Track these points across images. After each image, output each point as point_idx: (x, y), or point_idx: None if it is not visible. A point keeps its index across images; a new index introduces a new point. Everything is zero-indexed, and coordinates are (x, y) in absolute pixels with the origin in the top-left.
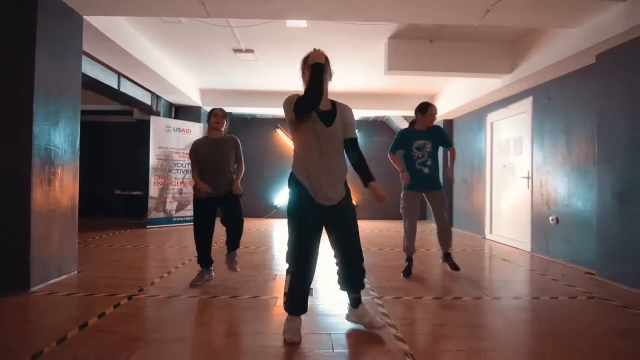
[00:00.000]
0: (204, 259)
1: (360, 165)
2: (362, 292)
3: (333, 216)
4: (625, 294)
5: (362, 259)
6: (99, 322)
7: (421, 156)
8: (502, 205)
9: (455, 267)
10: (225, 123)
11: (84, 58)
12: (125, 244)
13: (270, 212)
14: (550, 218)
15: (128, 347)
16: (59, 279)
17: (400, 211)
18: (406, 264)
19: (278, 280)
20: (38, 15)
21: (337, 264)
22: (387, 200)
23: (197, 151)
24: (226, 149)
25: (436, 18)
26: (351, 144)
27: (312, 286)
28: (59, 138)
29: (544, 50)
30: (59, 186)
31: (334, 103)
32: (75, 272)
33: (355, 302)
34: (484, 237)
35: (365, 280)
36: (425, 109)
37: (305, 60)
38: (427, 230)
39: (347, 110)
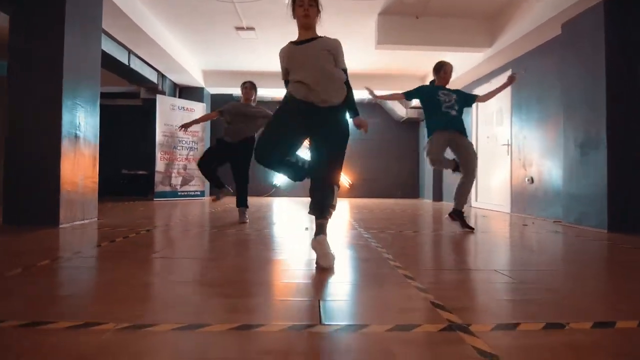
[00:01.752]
0: (214, 181)
1: (346, 99)
2: (352, 228)
3: (317, 123)
4: (585, 232)
5: (330, 181)
6: (125, 239)
7: (447, 100)
8: (487, 174)
9: (468, 226)
10: (253, 94)
11: (105, 38)
12: (136, 208)
13: (269, 191)
14: (526, 178)
15: (151, 248)
16: (82, 221)
17: (426, 157)
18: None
19: (275, 228)
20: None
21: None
22: (365, 132)
23: (229, 107)
24: (254, 112)
25: None
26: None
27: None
28: (82, 104)
29: (517, 24)
30: (83, 138)
31: (320, 37)
32: (96, 218)
33: (317, 230)
34: (470, 206)
35: (355, 224)
36: (440, 67)
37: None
38: (427, 205)
39: (332, 40)
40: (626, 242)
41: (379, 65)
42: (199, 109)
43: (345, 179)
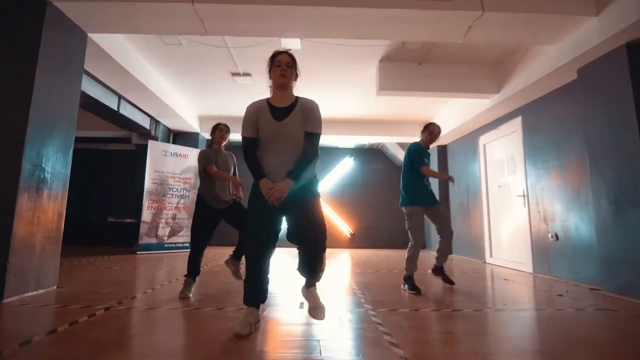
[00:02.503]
0: (195, 268)
1: (298, 159)
2: (357, 306)
3: (289, 207)
4: (633, 306)
5: (316, 250)
6: (69, 328)
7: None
8: (501, 226)
9: (450, 281)
10: (227, 138)
11: (85, 77)
12: (112, 266)
13: None
14: (550, 235)
15: (95, 350)
16: (36, 292)
17: (407, 228)
18: (409, 281)
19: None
20: (44, 28)
21: (298, 249)
22: (273, 196)
23: (216, 159)
24: (228, 163)
25: (422, 35)
26: (307, 137)
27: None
28: (52, 146)
29: (527, 69)
30: (47, 194)
31: (298, 99)
32: (55, 287)
33: (307, 284)
34: (485, 262)
35: (361, 296)
36: (426, 127)
37: (272, 58)
38: (426, 257)
39: (310, 104)
40: None
41: (382, 112)
42: (193, 155)
43: (346, 228)
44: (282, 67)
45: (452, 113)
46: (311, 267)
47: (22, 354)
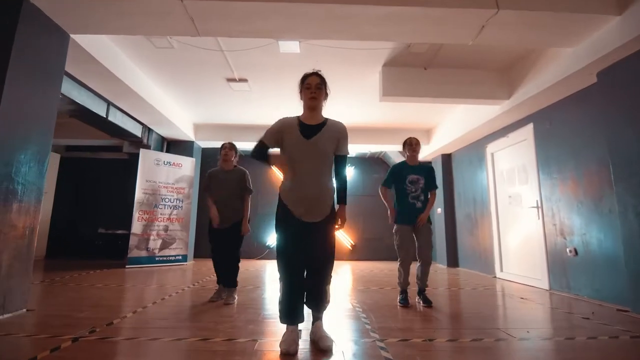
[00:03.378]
0: (219, 276)
1: (339, 185)
2: (362, 334)
3: (312, 232)
4: None
5: (325, 281)
6: None
7: (414, 190)
8: (512, 239)
9: (428, 302)
10: (234, 155)
11: (71, 83)
12: (95, 283)
13: (262, 252)
14: (568, 250)
15: None
16: (1, 317)
17: (395, 246)
18: (401, 295)
19: (262, 321)
20: (18, 28)
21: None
22: (340, 227)
23: (210, 180)
24: (235, 181)
25: (430, 36)
26: (338, 159)
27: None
28: (24, 154)
29: (542, 73)
30: (17, 207)
31: (327, 120)
32: (24, 310)
33: (314, 319)
34: (495, 276)
35: (366, 320)
36: (404, 144)
37: (303, 80)
38: (440, 271)
39: (341, 126)
40: None
41: (384, 119)
42: (188, 164)
43: (346, 240)
44: (312, 89)
45: (458, 120)
46: (316, 296)
47: None
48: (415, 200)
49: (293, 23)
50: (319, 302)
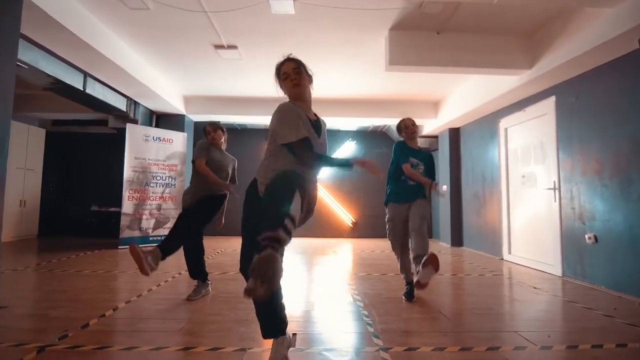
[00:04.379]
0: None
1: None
2: (364, 340)
3: None
4: None
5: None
6: None
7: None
8: (522, 221)
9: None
10: (222, 136)
11: (39, 53)
12: (83, 269)
13: None
14: (587, 236)
15: None
16: None
17: (387, 233)
18: (407, 287)
19: (252, 321)
20: None
21: None
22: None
23: (210, 151)
24: (226, 166)
25: None
26: None
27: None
28: None
29: (572, 39)
30: None
31: (317, 116)
32: None
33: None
34: (502, 259)
35: (368, 320)
36: (399, 127)
37: (278, 72)
38: (444, 251)
39: (324, 123)
40: None
41: (388, 91)
42: (179, 139)
43: (347, 217)
44: (291, 76)
45: (470, 92)
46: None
47: None
48: (409, 179)
49: None
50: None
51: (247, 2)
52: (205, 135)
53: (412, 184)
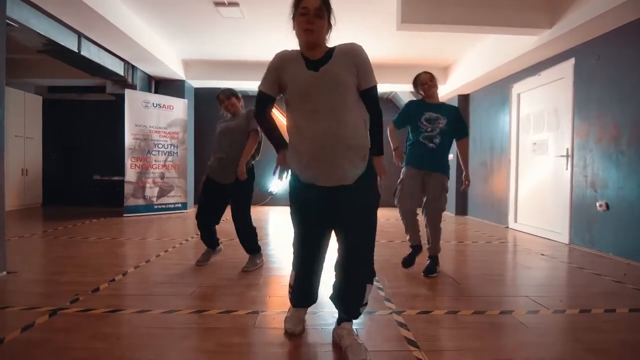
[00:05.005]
0: (207, 241)
1: (371, 130)
2: (376, 303)
3: (342, 202)
4: None
5: (366, 275)
6: None
7: (430, 130)
8: (530, 189)
9: (429, 272)
10: (236, 102)
11: (29, 9)
12: (89, 236)
13: (265, 199)
14: (598, 204)
15: None
16: None
17: (394, 195)
18: (409, 253)
19: (263, 285)
20: None
21: (335, 267)
22: (382, 179)
23: (216, 129)
24: (236, 130)
25: None
26: (364, 97)
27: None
28: None
29: None
30: None
31: (334, 48)
32: (4, 272)
33: (339, 320)
34: (507, 227)
35: (379, 285)
36: (415, 83)
37: (297, 3)
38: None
39: (355, 50)
40: None
41: (393, 54)
42: (180, 106)
43: None
44: (309, 16)
45: (482, 56)
46: (350, 295)
47: None
48: (427, 140)
49: None
50: (349, 305)
51: None
52: (219, 104)
53: (431, 146)
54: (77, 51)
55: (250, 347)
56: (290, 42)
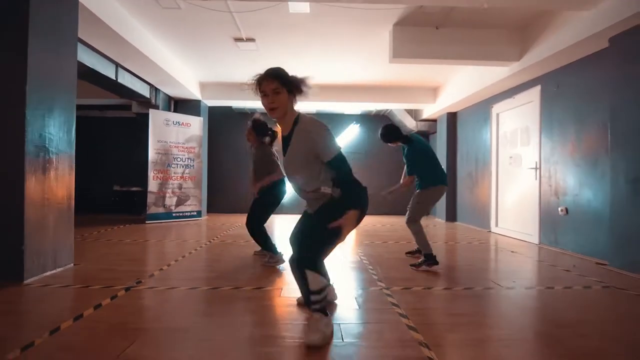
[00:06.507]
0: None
1: (339, 187)
2: (370, 284)
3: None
4: (637, 284)
5: (303, 264)
6: (95, 313)
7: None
8: (508, 197)
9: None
10: (252, 135)
11: (80, 46)
12: (123, 239)
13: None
14: (560, 209)
15: (125, 337)
16: (54, 271)
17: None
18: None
19: (277, 271)
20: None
21: None
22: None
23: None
24: (257, 157)
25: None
26: (328, 165)
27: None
28: (53, 125)
29: (554, 36)
30: (54, 175)
31: (296, 122)
32: (72, 264)
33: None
34: (490, 231)
35: (373, 272)
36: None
37: (258, 84)
38: (439, 225)
39: (309, 127)
40: None
41: (391, 77)
42: (196, 124)
43: None
44: (269, 97)
45: (465, 80)
46: (301, 285)
47: (53, 342)
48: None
49: None
50: (301, 292)
51: (268, 2)
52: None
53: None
54: (114, 79)
55: (278, 308)
56: (292, 67)
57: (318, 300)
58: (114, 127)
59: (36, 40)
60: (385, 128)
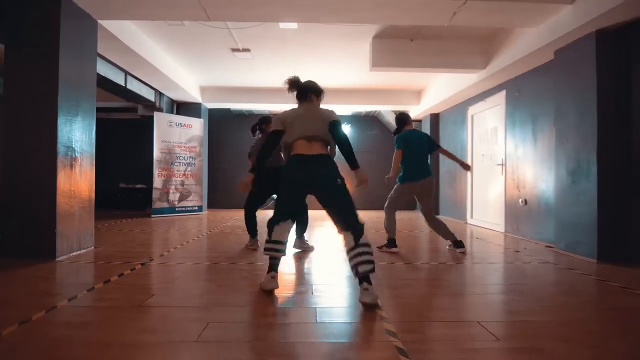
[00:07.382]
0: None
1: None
2: (345, 262)
3: None
4: (573, 260)
5: (361, 233)
6: (119, 279)
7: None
8: (482, 191)
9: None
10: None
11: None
12: (133, 229)
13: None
14: (520, 200)
15: (146, 292)
16: (79, 252)
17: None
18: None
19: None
20: (61, 20)
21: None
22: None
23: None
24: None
25: (412, 19)
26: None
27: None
28: (78, 129)
29: (511, 48)
30: (79, 171)
31: None
32: (92, 247)
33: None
34: (466, 222)
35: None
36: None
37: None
38: (422, 218)
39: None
40: (615, 278)
41: (378, 82)
42: (197, 125)
43: None
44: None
45: (444, 84)
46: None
47: (91, 296)
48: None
49: (293, 10)
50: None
51: (261, 20)
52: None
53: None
54: (124, 85)
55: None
56: (284, 73)
57: (372, 251)
58: (119, 128)
59: (65, 50)
60: (397, 116)
